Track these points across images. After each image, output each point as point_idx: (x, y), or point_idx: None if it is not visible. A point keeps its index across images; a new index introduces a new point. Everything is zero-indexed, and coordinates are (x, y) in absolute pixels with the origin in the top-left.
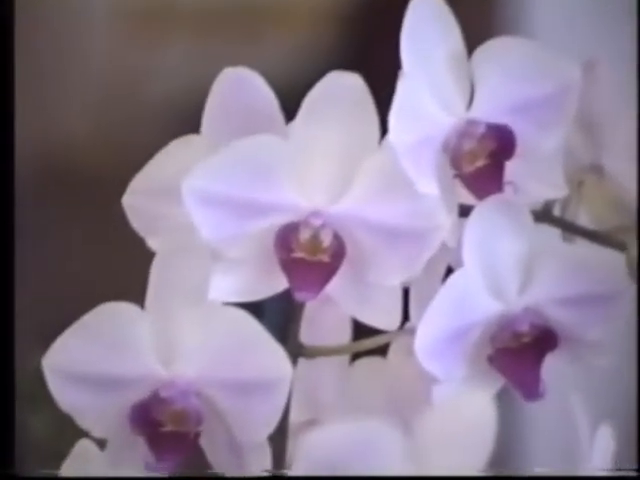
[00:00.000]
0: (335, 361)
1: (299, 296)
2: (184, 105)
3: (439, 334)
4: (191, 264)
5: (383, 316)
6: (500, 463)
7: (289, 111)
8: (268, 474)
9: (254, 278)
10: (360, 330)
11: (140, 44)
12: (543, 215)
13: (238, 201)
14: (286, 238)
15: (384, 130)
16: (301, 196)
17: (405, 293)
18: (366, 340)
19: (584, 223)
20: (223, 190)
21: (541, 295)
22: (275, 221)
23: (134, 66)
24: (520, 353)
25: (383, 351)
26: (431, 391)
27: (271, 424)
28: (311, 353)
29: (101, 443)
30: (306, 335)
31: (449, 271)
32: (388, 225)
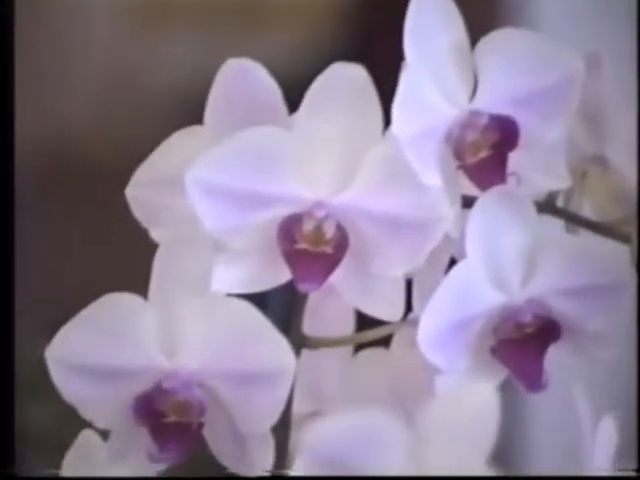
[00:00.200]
0: (338, 352)
1: (302, 287)
2: (187, 96)
3: (442, 325)
4: (194, 255)
5: (386, 307)
6: (503, 454)
7: (292, 102)
8: (268, 474)
9: (257, 269)
10: (363, 321)
11: (142, 36)
12: (546, 206)
13: (241, 192)
14: (289, 229)
15: (387, 121)
16: (304, 187)
17: (408, 284)
18: (369, 331)
19: (587, 214)
20: (226, 181)
21: (544, 286)
22: (278, 212)
23: (136, 58)
24: (523, 344)
25: (386, 342)
26: (434, 382)
27: (274, 415)
28: (314, 344)
29: (104, 434)
30: (309, 326)
31: (452, 262)
32: (391, 216)
